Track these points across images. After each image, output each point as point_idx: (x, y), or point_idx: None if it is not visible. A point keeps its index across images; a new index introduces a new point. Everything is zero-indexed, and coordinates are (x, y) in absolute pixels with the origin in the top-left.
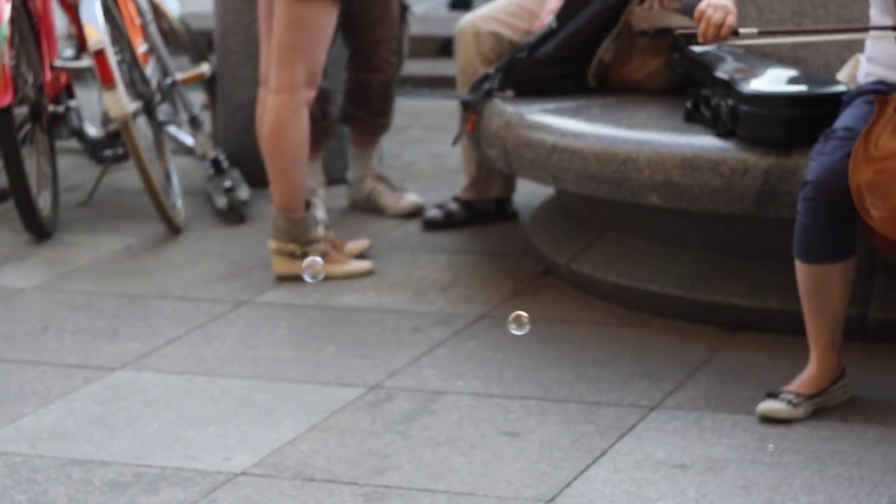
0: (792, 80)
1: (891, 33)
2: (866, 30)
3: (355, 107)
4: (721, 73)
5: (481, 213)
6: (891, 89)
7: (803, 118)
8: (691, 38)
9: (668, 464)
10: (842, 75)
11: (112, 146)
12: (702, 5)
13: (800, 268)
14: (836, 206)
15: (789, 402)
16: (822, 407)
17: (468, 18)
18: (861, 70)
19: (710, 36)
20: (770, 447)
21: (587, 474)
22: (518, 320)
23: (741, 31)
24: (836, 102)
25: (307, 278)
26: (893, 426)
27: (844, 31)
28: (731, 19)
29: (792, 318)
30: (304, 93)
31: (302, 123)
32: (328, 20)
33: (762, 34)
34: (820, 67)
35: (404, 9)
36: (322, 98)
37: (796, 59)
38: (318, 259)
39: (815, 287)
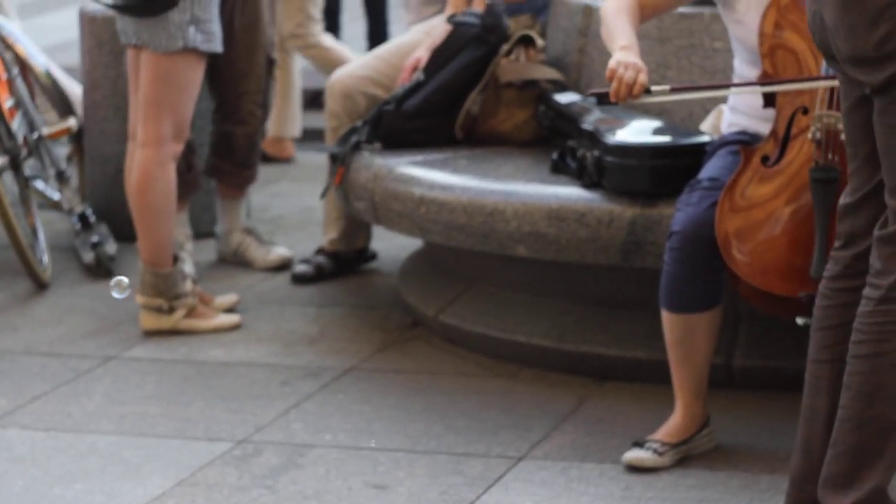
0: (656, 131)
1: (802, 85)
2: (778, 83)
3: (220, 159)
4: (586, 125)
5: (346, 262)
6: (754, 139)
7: (668, 169)
8: (603, 98)
9: None
10: (705, 126)
11: None
12: (612, 64)
13: (666, 317)
14: (702, 255)
15: (655, 451)
16: (688, 455)
17: (338, 76)
18: (724, 120)
19: (623, 95)
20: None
21: None
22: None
23: (653, 88)
24: (699, 153)
25: (115, 295)
26: (758, 473)
27: (755, 85)
28: (643, 77)
29: (658, 367)
30: (171, 147)
31: (169, 177)
32: (195, 73)
33: (674, 91)
34: (684, 118)
35: (270, 62)
36: (187, 151)
37: (661, 110)
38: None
39: (682, 336)
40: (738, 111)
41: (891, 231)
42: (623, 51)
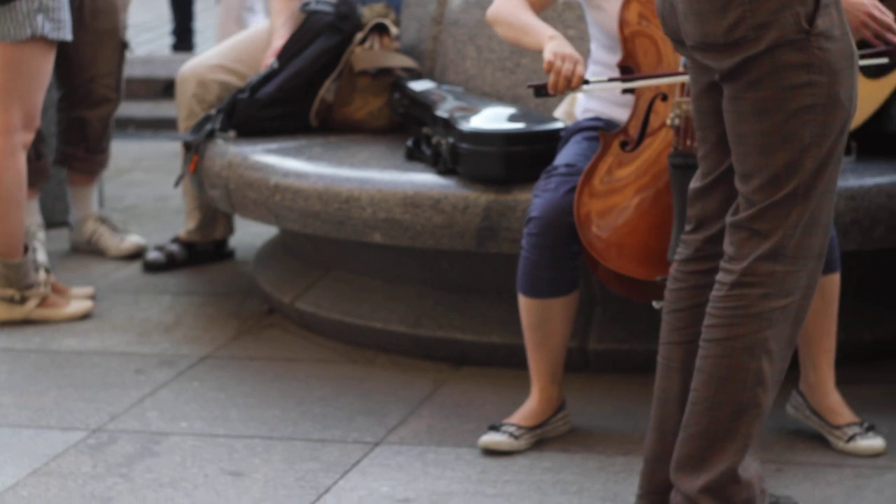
0: (511, 118)
1: None
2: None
3: (72, 146)
4: (441, 112)
5: (202, 254)
6: (609, 125)
7: (522, 155)
8: (541, 90)
9: (392, 498)
10: (559, 112)
11: None
12: (549, 56)
13: (523, 302)
14: (560, 241)
15: (511, 434)
16: (544, 438)
17: (191, 66)
18: (578, 106)
19: (562, 88)
20: None
21: None
22: None
23: (590, 79)
24: (554, 139)
25: None
26: (613, 455)
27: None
28: (580, 69)
29: (514, 352)
30: (21, 136)
31: (19, 167)
32: (44, 62)
33: (612, 81)
34: (538, 105)
35: (123, 45)
36: (36, 139)
37: (515, 97)
38: None
39: (538, 321)
40: (593, 97)
41: (742, 217)
42: (553, 41)
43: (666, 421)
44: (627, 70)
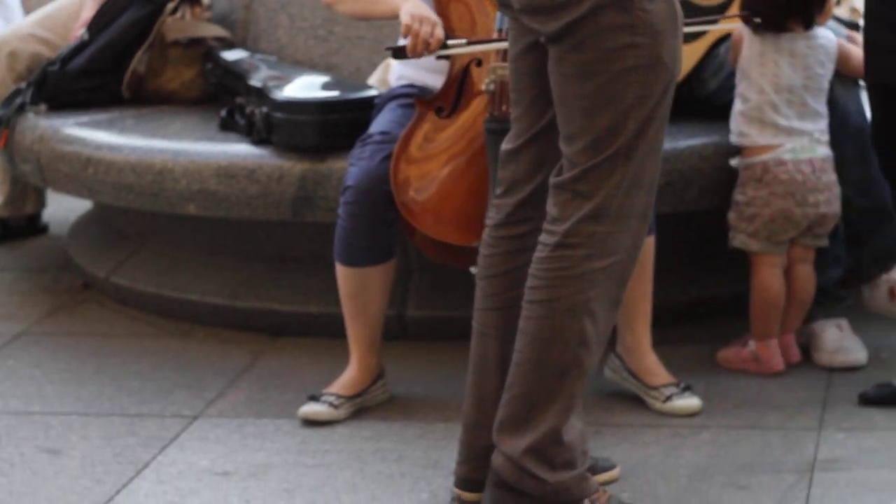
0: (324, 86)
1: None
2: None
3: None
4: (254, 82)
5: (14, 229)
6: (423, 92)
7: (337, 123)
8: (399, 53)
9: (211, 472)
10: (373, 80)
11: None
12: (406, 19)
13: (340, 271)
14: (376, 209)
15: (330, 404)
16: (363, 407)
17: (1, 36)
18: (393, 74)
19: (421, 51)
20: None
21: (130, 487)
22: None
23: (449, 42)
24: (368, 107)
25: None
26: (433, 422)
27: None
28: (439, 31)
29: (332, 321)
30: None
31: None
32: None
33: (471, 44)
34: (352, 73)
35: None
36: None
37: (329, 65)
38: None
39: (356, 290)
40: (408, 63)
41: (565, 178)
42: (408, 2)
43: (483, 387)
44: None
